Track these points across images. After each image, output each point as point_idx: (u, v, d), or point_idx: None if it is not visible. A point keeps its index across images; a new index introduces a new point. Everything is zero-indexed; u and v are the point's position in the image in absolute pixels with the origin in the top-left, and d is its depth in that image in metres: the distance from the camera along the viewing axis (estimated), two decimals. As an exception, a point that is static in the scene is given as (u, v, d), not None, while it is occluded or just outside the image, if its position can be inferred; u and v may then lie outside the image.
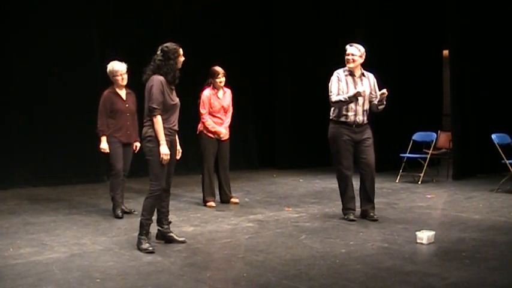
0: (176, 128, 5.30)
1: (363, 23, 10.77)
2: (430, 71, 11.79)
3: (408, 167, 9.69)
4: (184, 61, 5.35)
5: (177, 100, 5.28)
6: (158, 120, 5.09)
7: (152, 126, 5.10)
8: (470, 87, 10.03)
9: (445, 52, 11.43)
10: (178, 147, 5.47)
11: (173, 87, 5.26)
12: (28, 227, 6.16)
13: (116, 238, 5.62)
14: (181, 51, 5.26)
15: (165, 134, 5.12)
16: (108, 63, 6.81)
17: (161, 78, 5.14)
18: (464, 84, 9.97)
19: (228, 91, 7.55)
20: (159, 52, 5.21)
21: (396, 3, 11.05)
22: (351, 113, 6.27)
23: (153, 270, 4.55)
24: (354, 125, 6.29)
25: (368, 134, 6.39)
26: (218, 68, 7.40)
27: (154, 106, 5.08)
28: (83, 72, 9.44)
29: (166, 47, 5.22)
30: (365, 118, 6.37)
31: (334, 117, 6.37)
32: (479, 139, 9.79)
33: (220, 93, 7.45)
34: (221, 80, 7.37)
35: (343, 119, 6.29)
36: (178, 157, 5.49)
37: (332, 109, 6.40)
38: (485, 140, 9.06)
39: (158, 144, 5.07)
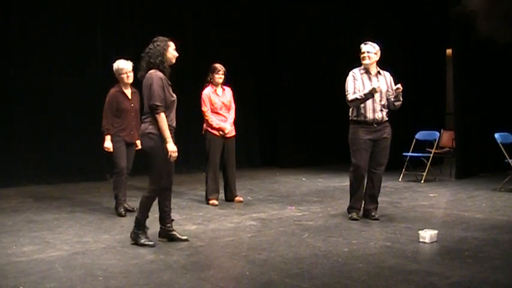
0: (174, 124, 5.26)
1: (367, 23, 10.76)
2: (434, 70, 11.80)
3: (411, 166, 9.69)
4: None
5: (175, 96, 5.26)
6: (163, 117, 5.04)
7: (154, 123, 5.06)
8: (474, 86, 10.02)
9: (449, 51, 11.42)
10: None
11: (170, 83, 5.23)
12: (31, 224, 6.18)
13: (118, 236, 5.62)
14: (172, 43, 5.23)
15: None
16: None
17: (160, 74, 5.11)
18: (468, 83, 9.96)
19: (228, 89, 7.57)
20: (150, 44, 5.23)
21: (400, 2, 11.04)
22: (369, 112, 6.23)
23: (156, 268, 4.55)
24: (373, 123, 6.26)
25: (387, 132, 6.35)
26: (219, 65, 7.44)
27: (158, 103, 5.03)
28: (85, 72, 9.46)
29: (157, 37, 5.24)
30: (384, 115, 6.33)
31: (354, 117, 6.33)
32: (482, 138, 9.78)
33: (219, 90, 7.47)
34: (220, 76, 7.40)
35: (362, 118, 6.25)
36: None
37: (351, 109, 6.36)
38: (488, 139, 9.05)
39: (162, 142, 5.05)
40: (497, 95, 10.19)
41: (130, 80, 6.71)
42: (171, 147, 5.04)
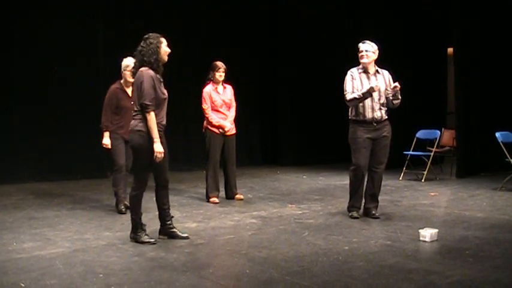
0: (165, 122, 5.26)
1: (367, 23, 10.75)
2: (435, 69, 11.79)
3: (412, 164, 9.69)
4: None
5: (166, 94, 5.24)
6: (152, 117, 5.04)
7: (144, 121, 5.06)
8: (475, 85, 10.01)
9: (450, 50, 11.41)
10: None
11: (162, 80, 5.22)
12: (32, 221, 6.18)
13: (119, 233, 5.62)
14: (164, 40, 5.22)
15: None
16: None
17: (151, 72, 5.10)
18: (469, 82, 9.95)
19: (229, 87, 7.57)
20: (141, 42, 5.20)
21: (400, 2, 11.03)
22: (368, 111, 6.23)
23: (156, 266, 4.55)
24: (373, 122, 6.25)
25: (387, 131, 6.34)
26: (219, 63, 7.45)
27: (147, 102, 5.03)
28: (86, 68, 9.48)
29: (148, 34, 5.22)
30: (383, 114, 6.32)
31: (353, 116, 6.32)
32: (483, 137, 9.77)
33: (220, 88, 7.47)
34: (221, 74, 7.41)
35: (361, 117, 6.25)
36: None
37: (350, 109, 6.36)
38: (489, 138, 9.04)
39: (150, 141, 5.04)
40: (498, 94, 10.17)
41: (133, 79, 6.70)
42: (158, 148, 5.04)
